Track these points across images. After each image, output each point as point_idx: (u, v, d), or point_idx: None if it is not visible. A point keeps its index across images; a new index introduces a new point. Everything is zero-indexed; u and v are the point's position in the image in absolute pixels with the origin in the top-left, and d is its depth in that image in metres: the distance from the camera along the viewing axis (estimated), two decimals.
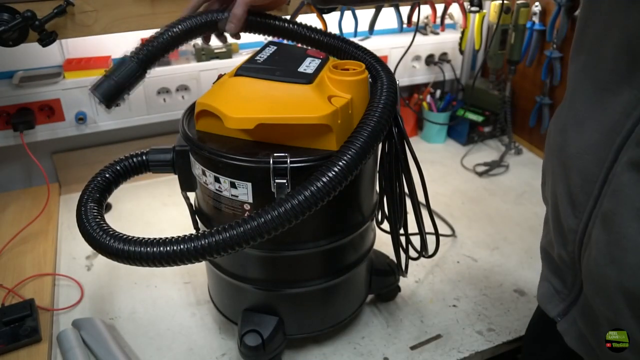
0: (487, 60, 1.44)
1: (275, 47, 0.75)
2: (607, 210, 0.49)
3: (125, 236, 0.59)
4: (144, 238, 0.59)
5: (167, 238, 0.58)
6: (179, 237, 0.58)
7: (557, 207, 0.59)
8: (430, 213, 0.78)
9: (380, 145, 0.70)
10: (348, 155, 0.58)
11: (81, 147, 1.22)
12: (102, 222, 0.62)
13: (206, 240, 0.57)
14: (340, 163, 0.58)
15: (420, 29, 1.44)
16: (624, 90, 0.47)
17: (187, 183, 0.73)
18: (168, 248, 0.57)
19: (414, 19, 1.21)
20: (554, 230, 0.60)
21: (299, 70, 0.67)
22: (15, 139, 1.08)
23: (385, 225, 0.85)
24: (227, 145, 0.65)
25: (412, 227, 0.79)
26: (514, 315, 0.89)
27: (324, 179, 0.57)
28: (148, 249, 0.57)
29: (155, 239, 0.58)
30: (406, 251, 0.84)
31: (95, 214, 0.63)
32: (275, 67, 0.68)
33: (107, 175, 0.68)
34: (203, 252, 0.57)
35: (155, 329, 0.87)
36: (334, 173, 0.57)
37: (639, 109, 0.45)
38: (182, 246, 0.57)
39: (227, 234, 0.57)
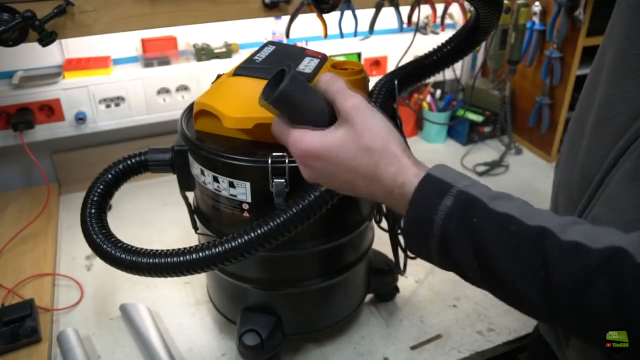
0: (487, 60, 1.43)
1: (273, 47, 0.75)
2: (597, 215, 0.48)
3: (134, 248, 0.63)
4: (152, 250, 0.62)
5: (173, 250, 0.62)
6: (185, 249, 0.62)
7: (557, 196, 0.58)
8: None
9: None
10: None
11: (81, 147, 1.22)
12: (109, 234, 0.65)
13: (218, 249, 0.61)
14: None
15: (420, 29, 1.44)
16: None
17: (186, 183, 0.73)
18: (174, 259, 0.62)
19: (414, 19, 1.21)
20: None
21: (297, 69, 0.67)
22: (15, 139, 1.08)
23: (385, 224, 0.84)
24: (226, 144, 0.65)
25: None
26: (514, 315, 0.89)
27: None
28: (156, 260, 0.62)
29: (161, 250, 0.62)
30: (405, 250, 0.84)
31: (101, 225, 0.65)
32: (274, 67, 0.68)
33: (107, 179, 0.68)
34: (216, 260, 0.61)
35: None
36: None
37: None
38: (188, 257, 0.61)
39: (236, 242, 0.60)
